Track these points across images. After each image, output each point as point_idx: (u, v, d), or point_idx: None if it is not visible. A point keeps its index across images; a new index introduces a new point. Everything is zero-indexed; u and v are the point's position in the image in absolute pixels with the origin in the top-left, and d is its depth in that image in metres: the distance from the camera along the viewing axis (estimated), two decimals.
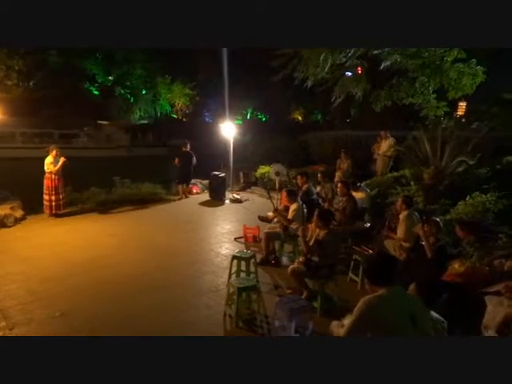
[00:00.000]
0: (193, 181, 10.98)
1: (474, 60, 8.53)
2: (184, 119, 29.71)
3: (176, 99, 28.63)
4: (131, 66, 26.62)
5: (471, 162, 6.75)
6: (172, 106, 29.51)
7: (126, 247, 6.46)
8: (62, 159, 7.95)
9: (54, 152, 7.88)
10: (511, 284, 2.58)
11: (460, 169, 6.87)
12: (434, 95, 8.96)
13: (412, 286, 2.62)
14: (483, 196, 5.88)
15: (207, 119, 29.80)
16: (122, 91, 27.47)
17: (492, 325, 3.02)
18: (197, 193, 10.80)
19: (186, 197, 10.39)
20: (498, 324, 2.94)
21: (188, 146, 10.45)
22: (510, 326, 2.77)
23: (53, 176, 7.86)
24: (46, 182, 7.89)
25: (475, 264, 4.43)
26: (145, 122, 28.25)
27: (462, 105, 15.50)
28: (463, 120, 10.64)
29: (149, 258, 6.01)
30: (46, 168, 7.82)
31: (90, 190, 9.28)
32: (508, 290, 2.59)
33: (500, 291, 2.81)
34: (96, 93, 27.10)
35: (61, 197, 8.04)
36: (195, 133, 18.97)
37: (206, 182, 10.87)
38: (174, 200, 10.13)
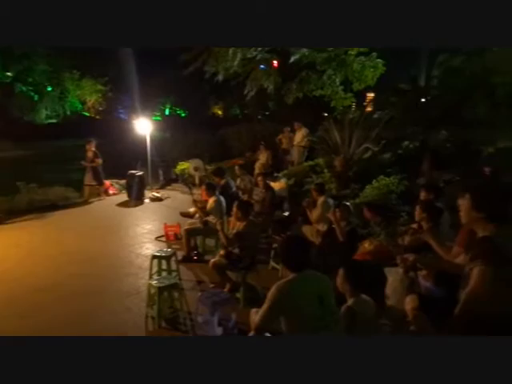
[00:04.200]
0: (108, 181, 10.42)
1: (374, 53, 9.22)
2: (97, 117, 28.05)
3: (87, 96, 26.89)
4: (33, 60, 24.34)
5: (376, 149, 7.30)
6: (83, 103, 27.66)
7: (33, 257, 5.94)
8: None
9: None
10: (406, 256, 2.86)
11: (367, 155, 7.39)
12: (342, 87, 9.54)
13: (340, 273, 2.76)
14: (387, 179, 6.40)
15: (122, 116, 28.46)
16: (24, 88, 25.08)
17: (392, 294, 3.32)
18: (114, 194, 10.26)
19: (100, 199, 9.85)
20: (398, 293, 3.24)
21: (93, 145, 9.77)
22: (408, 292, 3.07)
23: None
24: None
25: (382, 242, 4.82)
26: (52, 121, 26.13)
27: (370, 96, 16.69)
28: (369, 110, 11.44)
29: (61, 266, 5.59)
30: None
31: None
32: (402, 261, 2.87)
33: (396, 263, 3.11)
34: None
35: None
36: (109, 130, 18.03)
37: (122, 181, 10.37)
38: (91, 202, 9.57)
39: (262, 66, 10.35)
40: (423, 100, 8.76)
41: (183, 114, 30.44)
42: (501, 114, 6.75)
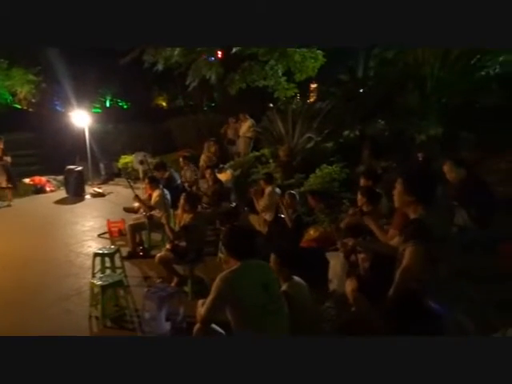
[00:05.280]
0: (45, 177, 9.82)
1: None
2: (30, 109, 26.12)
3: (17, 87, 24.87)
4: None
5: (318, 139, 7.49)
6: (13, 94, 25.59)
7: None
8: None
9: None
10: (345, 241, 2.98)
11: (310, 145, 7.56)
12: (284, 78, 9.67)
13: (272, 258, 2.84)
14: (329, 168, 6.60)
15: (58, 108, 26.72)
16: None
17: (334, 277, 3.46)
18: (51, 191, 9.69)
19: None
20: (339, 276, 3.38)
21: (1, 142, 8.45)
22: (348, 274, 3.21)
23: None
24: None
25: (326, 229, 4.99)
26: None
27: (314, 87, 17.02)
28: (311, 100, 11.69)
29: None
30: None
31: None
32: (342, 245, 2.99)
33: (337, 248, 3.24)
34: None
35: None
36: (44, 123, 16.89)
37: (60, 177, 9.82)
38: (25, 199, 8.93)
39: (208, 57, 10.20)
40: (361, 90, 9.12)
41: (125, 106, 29.21)
42: (430, 104, 7.19)
